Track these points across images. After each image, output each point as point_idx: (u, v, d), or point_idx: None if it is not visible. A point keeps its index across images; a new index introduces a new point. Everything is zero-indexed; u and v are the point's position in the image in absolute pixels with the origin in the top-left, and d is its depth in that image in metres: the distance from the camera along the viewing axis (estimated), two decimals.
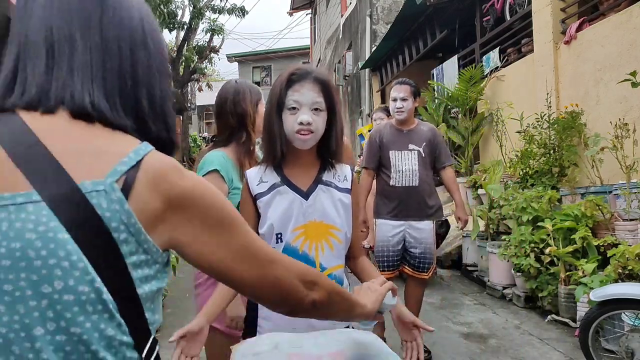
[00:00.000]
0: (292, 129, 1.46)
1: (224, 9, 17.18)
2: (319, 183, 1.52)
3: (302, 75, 1.48)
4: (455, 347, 3.72)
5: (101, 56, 0.73)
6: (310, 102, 1.45)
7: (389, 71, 11.01)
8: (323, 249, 1.48)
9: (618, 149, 4.22)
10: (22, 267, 0.60)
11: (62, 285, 0.61)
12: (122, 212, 0.64)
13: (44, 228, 0.61)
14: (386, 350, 1.19)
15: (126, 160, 0.67)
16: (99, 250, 0.63)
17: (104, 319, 0.63)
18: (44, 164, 0.63)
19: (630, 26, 4.53)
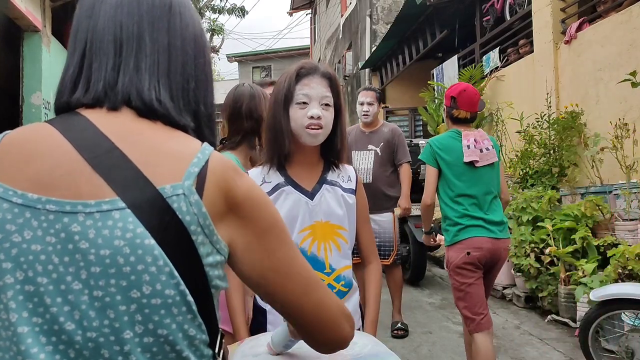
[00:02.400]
0: (302, 124, 1.42)
1: (224, 9, 17.20)
2: (324, 183, 1.49)
3: (310, 70, 1.46)
4: (455, 347, 3.72)
5: (167, 57, 0.75)
6: (320, 96, 1.43)
7: (389, 71, 11.00)
8: (331, 250, 1.46)
9: (618, 149, 4.22)
10: (112, 274, 0.62)
11: (150, 289, 0.63)
12: (199, 214, 0.66)
13: (131, 235, 0.62)
14: (385, 350, 1.19)
15: (196, 162, 0.68)
16: (181, 253, 0.65)
17: (188, 319, 0.65)
18: (124, 170, 0.64)
19: (630, 26, 4.53)
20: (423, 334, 4.01)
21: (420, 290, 5.34)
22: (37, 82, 3.41)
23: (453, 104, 2.83)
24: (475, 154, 2.73)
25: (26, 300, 0.62)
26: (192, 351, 0.66)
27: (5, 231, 0.63)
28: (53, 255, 0.62)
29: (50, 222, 0.63)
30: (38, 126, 0.70)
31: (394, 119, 11.49)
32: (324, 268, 1.44)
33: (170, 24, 0.77)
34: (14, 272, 0.62)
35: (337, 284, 1.46)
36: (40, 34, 3.43)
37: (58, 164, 0.65)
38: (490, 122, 6.86)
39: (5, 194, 0.64)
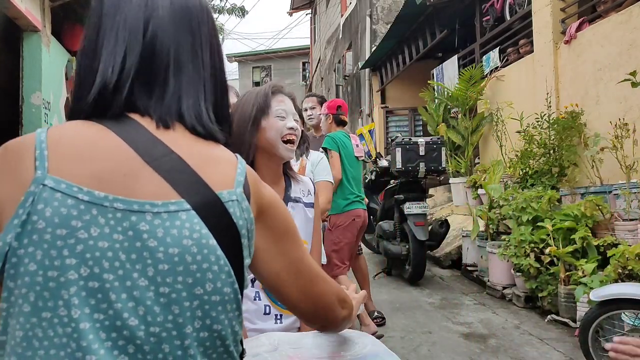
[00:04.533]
0: (281, 133, 1.49)
1: (223, 9, 17.19)
2: (289, 200, 1.55)
3: (280, 89, 1.56)
4: (455, 347, 3.72)
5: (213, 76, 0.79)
6: (292, 112, 1.54)
7: (389, 71, 11.00)
8: None
9: (618, 149, 4.22)
10: (180, 271, 0.64)
11: (212, 287, 0.66)
12: (248, 220, 0.71)
13: (198, 235, 0.66)
14: (385, 350, 1.19)
15: (240, 171, 0.73)
16: (234, 254, 0.69)
17: (236, 316, 0.70)
18: (184, 174, 0.68)
19: (630, 26, 4.53)
20: (423, 334, 4.01)
21: (420, 290, 5.34)
22: (36, 82, 3.40)
23: (340, 111, 3.94)
24: (361, 151, 3.98)
25: (89, 297, 0.62)
26: (235, 346, 0.71)
27: (71, 227, 0.63)
28: (120, 252, 0.64)
29: (118, 220, 0.64)
30: (88, 125, 0.70)
31: (394, 119, 11.50)
32: None
33: (211, 40, 0.80)
34: (79, 268, 0.62)
35: None
36: (39, 33, 3.43)
37: (119, 163, 0.66)
38: (490, 122, 6.86)
39: (69, 190, 0.63)
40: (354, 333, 1.28)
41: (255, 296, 1.55)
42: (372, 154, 7.49)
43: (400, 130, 10.74)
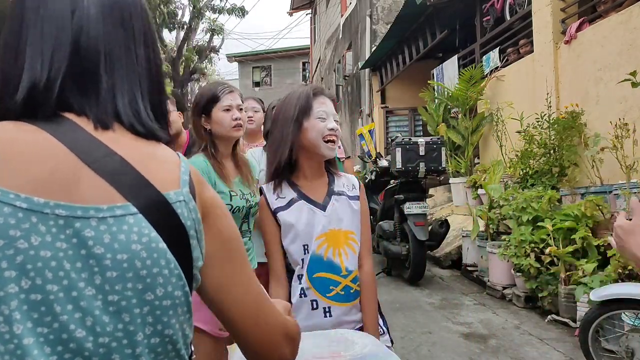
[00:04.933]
0: (323, 134, 1.57)
1: (223, 9, 17.19)
2: (332, 194, 1.63)
3: (321, 91, 1.65)
4: (455, 347, 3.72)
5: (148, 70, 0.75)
6: (333, 113, 1.62)
7: (389, 71, 11.00)
8: (347, 254, 1.59)
9: (618, 149, 4.22)
10: (129, 278, 0.62)
11: (162, 291, 0.64)
12: (196, 220, 0.69)
13: (147, 239, 0.63)
14: (384, 351, 1.19)
15: (184, 170, 0.71)
16: (184, 256, 0.67)
17: (187, 319, 0.69)
18: (128, 175, 0.65)
19: (630, 26, 4.53)
20: (423, 334, 4.01)
21: (420, 290, 5.34)
22: None
23: None
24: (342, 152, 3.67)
25: (31, 310, 0.59)
26: (185, 349, 0.69)
27: (9, 237, 0.59)
28: (64, 261, 0.61)
29: (60, 227, 0.61)
30: (20, 126, 0.65)
31: (394, 119, 11.50)
32: (340, 271, 1.57)
33: (146, 34, 0.76)
34: (19, 281, 0.59)
35: (354, 285, 1.59)
36: None
37: (58, 167, 0.63)
38: (490, 122, 6.86)
39: (5, 198, 0.59)
40: (352, 333, 1.28)
41: (301, 293, 1.58)
42: (372, 154, 7.49)
43: (400, 130, 10.74)
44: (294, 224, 1.58)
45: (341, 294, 1.57)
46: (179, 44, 17.51)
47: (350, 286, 1.58)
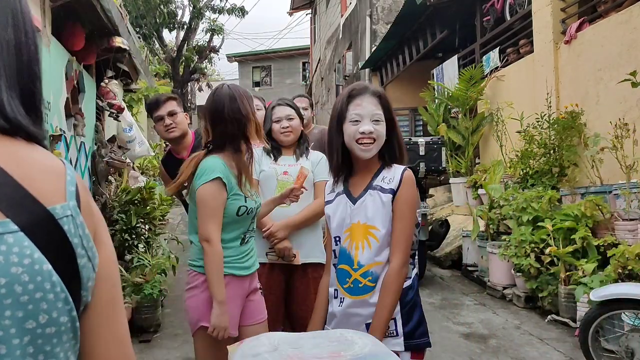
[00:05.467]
0: (354, 137, 1.60)
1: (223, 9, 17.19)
2: (369, 188, 1.65)
3: (361, 91, 1.65)
4: (455, 347, 3.72)
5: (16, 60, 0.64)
6: (370, 113, 1.61)
7: (389, 71, 11.00)
8: (363, 248, 1.60)
9: (618, 149, 4.22)
10: (8, 305, 0.54)
11: (46, 318, 0.57)
12: (84, 237, 0.60)
13: (29, 261, 0.55)
14: (384, 351, 1.19)
15: (70, 180, 0.62)
16: (72, 277, 0.59)
17: (72, 346, 0.60)
18: (7, 187, 0.56)
19: (630, 26, 4.53)
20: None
21: (420, 290, 5.31)
22: None
23: None
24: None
25: None
26: None
27: None
28: None
29: None
30: None
31: None
32: (352, 264, 1.62)
33: (14, 15, 0.64)
34: None
35: (364, 280, 1.60)
36: (40, 34, 3.42)
37: None
38: (490, 122, 6.86)
39: None
40: (352, 333, 1.28)
41: (332, 282, 1.69)
42: None
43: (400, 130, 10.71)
44: (330, 217, 1.69)
45: (351, 287, 1.60)
46: (179, 44, 17.51)
47: (359, 280, 1.60)
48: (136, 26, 14.74)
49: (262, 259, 2.49)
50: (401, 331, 1.58)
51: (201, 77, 19.45)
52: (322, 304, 1.74)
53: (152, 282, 4.16)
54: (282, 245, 2.45)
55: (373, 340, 1.23)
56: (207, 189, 1.89)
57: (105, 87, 5.02)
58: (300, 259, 2.45)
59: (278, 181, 2.55)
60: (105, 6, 4.10)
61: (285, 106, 2.64)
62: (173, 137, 2.79)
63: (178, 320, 4.37)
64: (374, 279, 1.59)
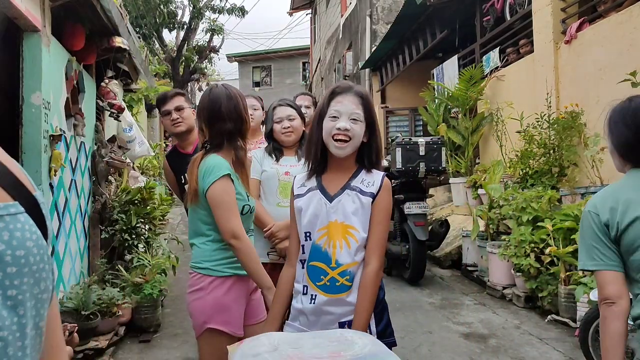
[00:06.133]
0: (330, 133, 1.61)
1: (223, 8, 17.19)
2: (347, 188, 1.66)
3: (344, 89, 1.67)
4: (455, 347, 3.72)
5: None
6: (349, 112, 1.62)
7: (389, 71, 11.00)
8: (341, 247, 1.61)
9: None
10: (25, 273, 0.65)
11: (44, 286, 0.68)
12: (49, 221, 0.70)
13: (36, 236, 0.66)
14: (384, 350, 1.19)
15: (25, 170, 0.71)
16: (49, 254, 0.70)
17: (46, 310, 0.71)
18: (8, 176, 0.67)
19: (630, 26, 4.53)
20: (423, 334, 4.01)
21: (420, 290, 5.34)
22: (37, 82, 3.40)
23: None
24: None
25: None
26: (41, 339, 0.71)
27: None
28: None
29: None
30: None
31: (394, 119, 11.49)
32: (330, 262, 1.61)
33: None
34: None
35: (342, 278, 1.60)
36: (40, 34, 3.42)
37: None
38: (490, 122, 6.86)
39: None
40: (352, 333, 1.28)
41: (301, 277, 1.69)
42: None
43: (400, 130, 10.73)
44: (302, 211, 1.67)
45: (327, 285, 1.60)
46: (179, 44, 17.51)
47: (336, 279, 1.60)
48: (136, 26, 14.73)
49: (264, 259, 2.50)
50: (374, 330, 1.65)
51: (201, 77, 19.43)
52: (284, 298, 1.72)
53: (152, 282, 4.16)
54: (283, 245, 2.45)
55: (373, 340, 1.23)
56: (219, 186, 1.88)
57: (105, 87, 5.02)
58: None
59: (280, 181, 2.55)
60: (105, 6, 4.10)
61: (286, 106, 2.65)
62: (179, 131, 2.82)
63: (178, 320, 4.37)
64: (350, 279, 1.61)
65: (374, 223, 1.64)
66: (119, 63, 5.39)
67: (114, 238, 4.65)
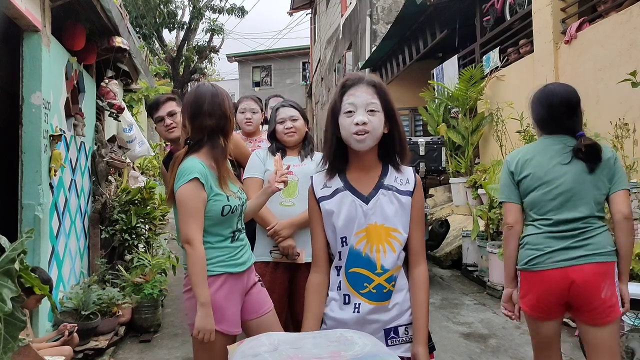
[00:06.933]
0: (350, 131, 1.51)
1: (223, 8, 17.19)
2: (381, 187, 1.56)
3: (355, 81, 1.56)
4: (455, 347, 3.72)
5: None
6: (364, 103, 1.52)
7: (389, 71, 11.01)
8: (385, 251, 1.51)
9: (618, 149, 4.22)
10: None
11: None
12: None
13: None
14: (384, 350, 1.19)
15: None
16: None
17: None
18: None
19: (630, 26, 4.53)
20: None
21: None
22: (37, 82, 3.40)
23: None
24: None
25: None
26: None
27: None
28: None
29: None
30: None
31: None
32: (375, 268, 1.50)
33: None
34: None
35: (388, 284, 1.51)
36: (40, 34, 3.42)
37: None
38: (490, 122, 6.86)
39: None
40: (351, 333, 1.28)
41: (338, 286, 1.55)
42: None
43: None
44: (334, 214, 1.55)
45: (373, 292, 1.50)
46: (179, 44, 17.50)
47: (383, 285, 1.51)
48: (136, 26, 14.73)
49: (266, 258, 2.51)
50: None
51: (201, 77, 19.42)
52: (318, 308, 1.58)
53: (152, 282, 4.16)
54: (286, 244, 2.45)
55: (373, 341, 1.23)
56: (184, 190, 1.87)
57: (105, 87, 5.02)
58: (305, 258, 2.45)
59: None
60: (105, 6, 4.10)
61: (289, 107, 2.66)
62: (174, 137, 2.79)
63: (178, 320, 4.37)
64: (395, 284, 1.53)
65: (414, 222, 1.57)
66: (119, 63, 5.40)
67: (114, 238, 4.65)
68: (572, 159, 2.08)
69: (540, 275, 2.08)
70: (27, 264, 1.81)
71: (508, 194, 2.25)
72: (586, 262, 2.00)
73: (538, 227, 2.13)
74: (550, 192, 2.08)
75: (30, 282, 1.82)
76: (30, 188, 3.35)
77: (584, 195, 2.05)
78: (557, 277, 2.03)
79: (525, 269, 2.18)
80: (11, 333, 1.68)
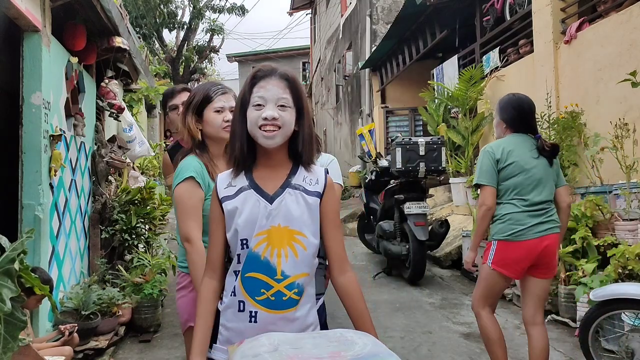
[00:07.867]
0: (256, 124, 1.40)
1: (223, 8, 17.19)
2: (288, 187, 1.44)
3: (267, 73, 1.44)
4: (455, 347, 3.72)
5: None
6: (275, 97, 1.41)
7: (389, 71, 11.00)
8: (287, 256, 1.39)
9: (618, 148, 4.22)
10: None
11: None
12: None
13: None
14: (385, 350, 1.19)
15: None
16: None
17: None
18: None
19: (630, 26, 4.53)
20: (423, 334, 4.01)
21: (420, 290, 5.34)
22: (37, 82, 3.40)
23: None
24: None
25: None
26: None
27: None
28: None
29: None
30: None
31: (394, 119, 11.50)
32: (275, 274, 1.38)
33: None
34: None
35: (289, 292, 1.39)
36: (40, 34, 3.42)
37: None
38: (490, 122, 6.86)
39: None
40: (351, 333, 1.28)
41: (233, 291, 1.42)
42: (372, 154, 7.49)
43: (400, 130, 10.73)
44: (235, 214, 1.42)
45: (271, 300, 1.37)
46: (179, 44, 17.50)
47: (283, 292, 1.37)
48: (136, 26, 14.73)
49: None
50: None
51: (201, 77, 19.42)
52: (210, 315, 1.45)
53: (152, 282, 4.16)
54: None
55: (373, 340, 1.23)
56: (181, 189, 1.87)
57: (105, 87, 5.02)
58: None
59: None
60: (105, 6, 4.10)
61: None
62: None
63: (178, 320, 4.37)
64: (300, 292, 1.40)
65: (330, 227, 1.46)
66: (119, 63, 5.40)
67: (114, 238, 4.65)
68: (539, 155, 2.74)
69: (523, 244, 2.64)
70: (27, 264, 1.81)
71: (490, 179, 2.74)
72: (552, 232, 2.68)
73: (517, 206, 2.67)
74: (529, 178, 2.68)
75: (30, 282, 1.82)
76: (30, 188, 3.35)
77: (547, 183, 2.72)
78: (536, 243, 2.63)
79: (507, 239, 2.67)
80: (11, 333, 1.68)
